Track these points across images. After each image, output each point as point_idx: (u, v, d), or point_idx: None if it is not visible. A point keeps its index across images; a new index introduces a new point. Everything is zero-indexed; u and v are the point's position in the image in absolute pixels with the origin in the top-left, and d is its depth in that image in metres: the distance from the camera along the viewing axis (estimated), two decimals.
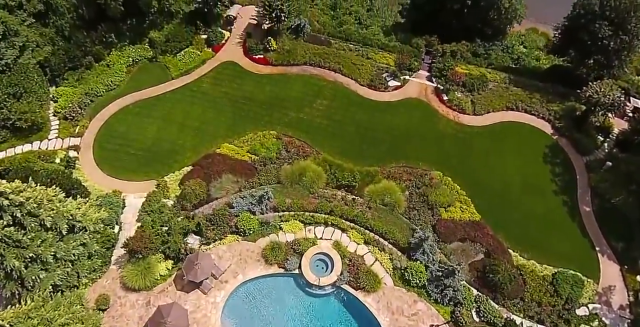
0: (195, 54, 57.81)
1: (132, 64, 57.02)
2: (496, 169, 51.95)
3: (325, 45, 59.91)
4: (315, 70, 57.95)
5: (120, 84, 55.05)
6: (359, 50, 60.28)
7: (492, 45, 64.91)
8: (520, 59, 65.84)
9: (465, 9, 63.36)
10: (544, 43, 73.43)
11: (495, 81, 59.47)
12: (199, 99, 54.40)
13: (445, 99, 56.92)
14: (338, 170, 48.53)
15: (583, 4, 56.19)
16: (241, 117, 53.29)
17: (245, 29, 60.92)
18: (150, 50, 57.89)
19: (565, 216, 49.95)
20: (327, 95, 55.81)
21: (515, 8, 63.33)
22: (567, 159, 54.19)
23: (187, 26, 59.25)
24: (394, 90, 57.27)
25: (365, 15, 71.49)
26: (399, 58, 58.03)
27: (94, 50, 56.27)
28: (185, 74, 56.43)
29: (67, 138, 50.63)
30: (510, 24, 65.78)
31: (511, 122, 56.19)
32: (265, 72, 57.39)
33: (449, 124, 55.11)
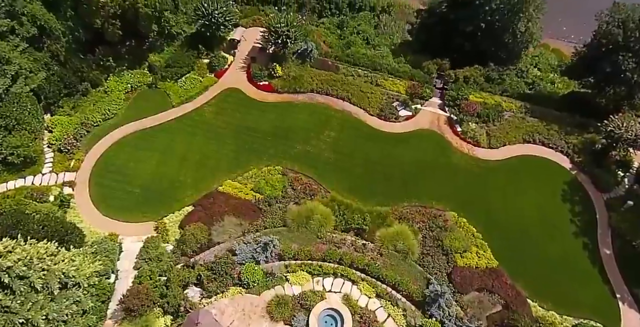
0: (197, 80, 54.28)
1: (131, 90, 53.41)
2: (513, 208, 48.67)
3: (333, 70, 56.41)
4: (322, 99, 54.53)
5: (118, 112, 51.53)
6: (368, 76, 56.80)
7: (506, 70, 61.47)
8: (535, 84, 62.52)
9: (479, 33, 60.05)
10: (557, 62, 70.18)
11: (511, 110, 56.11)
12: (201, 129, 50.93)
13: (459, 130, 53.59)
14: (347, 210, 45.32)
15: (605, 33, 52.65)
16: (245, 149, 49.91)
17: (249, 52, 57.31)
18: (149, 75, 54.29)
19: (586, 260, 46.82)
20: (335, 126, 52.43)
21: (531, 32, 59.90)
22: (587, 196, 50.95)
23: (189, 50, 55.71)
24: (405, 120, 53.87)
25: (373, 34, 67.79)
26: (411, 87, 54.57)
27: (91, 76, 52.71)
28: (187, 101, 52.95)
29: (62, 173, 47.15)
30: (526, 48, 62.51)
31: (528, 156, 52.78)
32: (270, 99, 53.97)
33: (463, 158, 51.81)
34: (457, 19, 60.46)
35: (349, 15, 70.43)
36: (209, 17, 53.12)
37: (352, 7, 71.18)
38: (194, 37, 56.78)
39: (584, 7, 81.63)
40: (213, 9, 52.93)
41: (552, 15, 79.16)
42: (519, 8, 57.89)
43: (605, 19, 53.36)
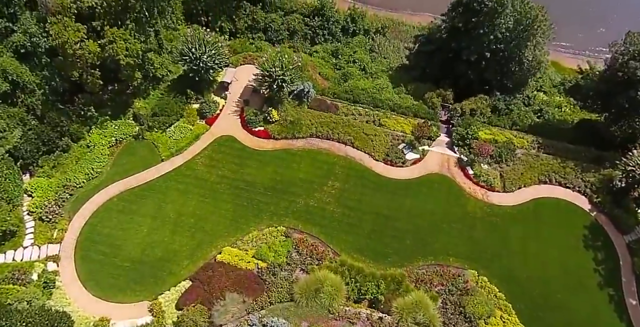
0: (187, 128, 48.13)
1: (116, 143, 47.26)
2: (534, 262, 43.54)
3: (332, 111, 50.62)
4: (323, 144, 48.84)
5: (102, 170, 45.32)
6: (370, 115, 51.11)
7: (513, 99, 56.21)
8: (544, 112, 57.37)
9: (483, 61, 54.62)
10: (559, 79, 65.00)
11: (523, 147, 50.94)
12: (194, 186, 45.03)
13: (471, 173, 48.31)
14: (359, 276, 40.19)
15: (620, 66, 47.53)
16: (243, 207, 44.16)
17: (241, 94, 51.14)
18: (135, 125, 48.00)
19: (612, 315, 42.37)
20: (339, 175, 46.87)
21: (539, 60, 54.62)
22: (608, 240, 46.09)
23: (176, 95, 49.46)
24: (412, 164, 48.38)
25: (369, 61, 61.80)
26: (417, 129, 49.00)
27: (71, 130, 46.40)
28: (177, 153, 46.84)
29: (44, 245, 41.20)
30: (534, 76, 57.20)
31: (545, 199, 47.60)
32: (267, 147, 48.13)
33: (477, 205, 46.60)
34: (460, 48, 55.00)
35: (343, 41, 64.30)
36: (196, 61, 46.90)
37: (345, 32, 64.92)
38: (182, 79, 50.49)
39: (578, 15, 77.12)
40: (201, 53, 46.69)
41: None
42: (525, 36, 52.46)
43: (620, 50, 48.25)
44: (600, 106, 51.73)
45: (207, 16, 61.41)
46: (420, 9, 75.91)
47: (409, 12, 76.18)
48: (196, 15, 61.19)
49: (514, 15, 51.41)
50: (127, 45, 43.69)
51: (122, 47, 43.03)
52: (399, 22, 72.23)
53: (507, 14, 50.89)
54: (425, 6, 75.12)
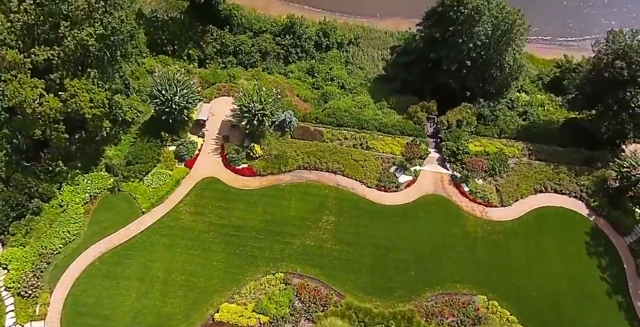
0: (166, 174, 43.44)
1: (90, 199, 42.44)
2: (540, 276, 40.71)
3: (317, 138, 46.55)
4: (311, 175, 44.83)
5: (79, 231, 40.32)
6: (356, 138, 47.13)
7: (497, 105, 52.97)
8: (528, 114, 54.19)
9: (465, 70, 51.10)
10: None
11: (515, 156, 47.91)
12: (180, 238, 40.45)
13: (467, 190, 44.98)
14: (368, 317, 36.58)
15: (606, 66, 44.20)
16: (236, 256, 39.88)
17: (220, 130, 46.39)
18: (109, 177, 43.18)
19: (623, 322, 40.03)
20: (333, 208, 42.97)
21: (519, 64, 51.33)
22: (610, 244, 43.56)
23: (150, 139, 44.64)
24: (406, 186, 44.79)
25: (347, 77, 57.50)
26: (407, 150, 45.22)
27: (40, 189, 41.41)
28: (158, 203, 42.08)
29: (27, 323, 36.39)
30: (516, 80, 53.95)
31: (543, 208, 44.74)
32: (253, 186, 43.82)
33: (477, 223, 43.37)
34: (439, 57, 51.30)
35: (317, 57, 59.89)
36: (168, 103, 42.14)
37: (319, 47, 60.40)
38: (154, 119, 45.57)
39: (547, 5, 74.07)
40: (172, 93, 41.91)
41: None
42: (505, 40, 49.05)
43: (604, 49, 45.19)
44: (587, 107, 48.86)
45: (173, 45, 56.47)
46: (390, 14, 71.58)
47: (378, 18, 71.94)
48: (161, 45, 56.27)
49: (491, 21, 47.90)
50: (91, 95, 38.78)
51: (86, 99, 38.11)
52: (370, 29, 67.96)
53: (485, 20, 47.33)
54: (394, 10, 70.95)
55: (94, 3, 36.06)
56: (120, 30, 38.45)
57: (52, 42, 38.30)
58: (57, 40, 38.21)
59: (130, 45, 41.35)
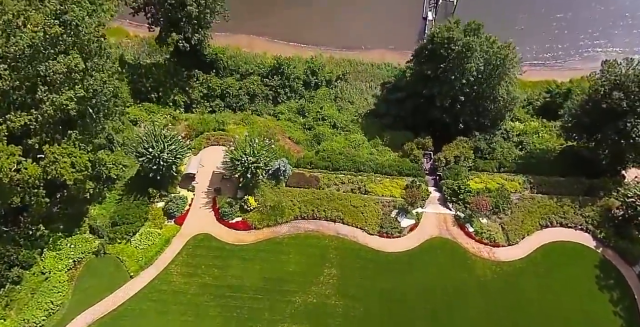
0: (155, 233, 39.68)
1: (74, 265, 38.47)
2: (556, 318, 37.78)
3: (313, 185, 43.28)
4: (310, 225, 41.38)
5: (63, 300, 36.19)
6: (354, 181, 44.05)
7: (493, 137, 50.61)
8: (525, 143, 51.80)
9: (458, 105, 48.80)
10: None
11: (517, 191, 45.18)
12: (173, 304, 36.28)
13: (472, 230, 41.90)
14: None
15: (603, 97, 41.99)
16: (234, 320, 35.65)
17: (211, 182, 43.19)
18: (93, 240, 39.32)
19: None
20: (334, 260, 39.39)
21: (513, 96, 49.27)
22: (619, 275, 40.93)
23: (137, 196, 41.03)
24: (409, 231, 41.63)
25: (338, 115, 54.79)
26: (408, 194, 42.09)
27: (20, 257, 37.54)
28: (147, 265, 38.12)
29: None
30: (510, 111, 51.82)
31: (551, 244, 41.90)
32: (249, 240, 40.12)
33: (486, 266, 40.12)
34: (431, 94, 49.00)
35: (306, 96, 57.33)
36: (156, 160, 38.83)
37: (307, 86, 58.06)
38: (140, 175, 42.32)
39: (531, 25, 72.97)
40: (160, 150, 38.64)
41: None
42: (497, 74, 47.06)
43: (601, 81, 43.20)
44: (585, 136, 46.60)
45: (158, 92, 53.50)
46: (375, 45, 70.10)
47: (363, 49, 70.19)
48: (145, 92, 53.31)
49: (483, 56, 45.93)
50: (73, 159, 35.41)
51: (67, 165, 34.75)
52: (357, 62, 66.08)
53: (476, 56, 45.32)
54: (379, 42, 69.58)
55: (73, 66, 32.98)
56: (102, 92, 35.33)
57: (29, 106, 35.11)
58: (34, 103, 35.02)
59: (113, 103, 38.12)
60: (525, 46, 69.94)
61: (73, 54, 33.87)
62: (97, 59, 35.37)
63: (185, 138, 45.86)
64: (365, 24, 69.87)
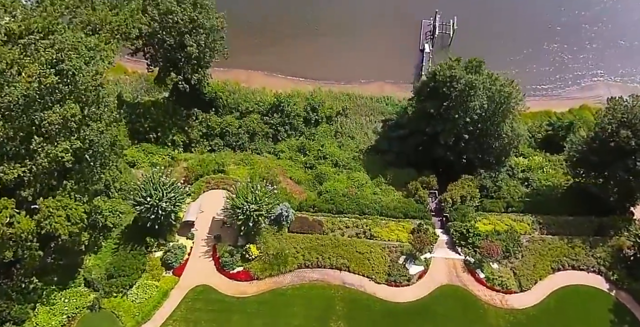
0: (152, 286, 37.34)
1: (68, 320, 35.95)
2: None
3: (317, 230, 41.32)
4: (314, 274, 39.13)
5: None
6: (358, 225, 42.19)
7: (498, 174, 49.19)
8: (530, 180, 50.35)
9: (462, 143, 47.56)
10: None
11: (526, 232, 43.52)
12: None
13: (482, 276, 39.93)
14: None
15: (611, 136, 40.90)
16: None
17: (210, 229, 41.19)
18: (88, 293, 36.96)
19: None
20: (341, 312, 36.99)
21: (518, 133, 48.17)
22: (634, 319, 39.14)
23: (134, 246, 38.86)
24: (418, 278, 39.62)
25: (339, 153, 53.44)
26: (416, 242, 40.05)
27: (12, 313, 35.15)
28: (144, 320, 35.48)
29: None
30: (515, 148, 50.63)
31: (564, 289, 39.98)
32: (251, 292, 37.69)
33: (499, 315, 37.90)
34: (435, 132, 47.80)
35: (306, 133, 55.93)
36: (154, 209, 36.98)
37: (308, 122, 56.83)
38: (137, 222, 40.32)
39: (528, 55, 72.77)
40: (158, 199, 36.84)
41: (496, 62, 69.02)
42: (501, 112, 46.05)
43: (608, 119, 42.18)
44: (592, 174, 45.26)
45: (156, 132, 52.04)
46: (372, 78, 69.65)
47: (361, 83, 69.53)
48: (143, 132, 51.83)
49: (486, 93, 44.97)
50: (68, 212, 33.50)
51: (62, 218, 32.82)
52: (356, 96, 65.29)
53: (480, 95, 44.34)
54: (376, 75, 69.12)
55: (69, 117, 31.47)
56: (99, 143, 33.74)
57: (23, 157, 33.39)
58: (28, 153, 33.34)
59: (111, 152, 36.50)
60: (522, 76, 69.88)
61: (69, 104, 32.35)
62: (95, 108, 33.83)
63: (184, 183, 44.25)
64: (362, 57, 69.49)
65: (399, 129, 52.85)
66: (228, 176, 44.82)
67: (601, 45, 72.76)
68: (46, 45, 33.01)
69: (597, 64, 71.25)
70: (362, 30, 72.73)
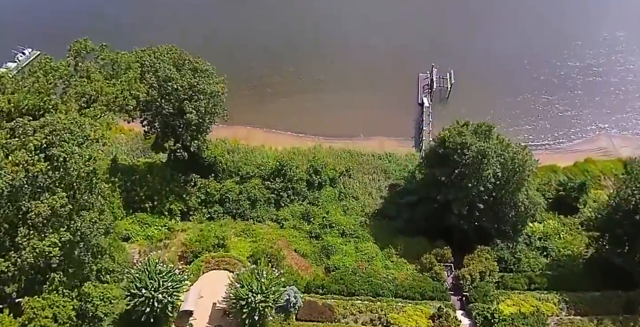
0: None
1: None
2: None
3: (327, 317, 36.81)
4: None
5: None
6: (373, 309, 38.17)
7: (516, 245, 46.09)
8: (549, 249, 47.24)
9: (477, 212, 44.68)
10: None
11: (553, 313, 39.89)
12: None
13: None
14: None
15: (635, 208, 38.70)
16: None
17: (210, 318, 36.51)
18: None
19: None
20: None
21: (535, 202, 45.53)
22: None
23: None
24: None
25: (346, 222, 49.81)
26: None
27: None
28: None
29: None
30: (532, 217, 47.82)
31: None
32: None
33: None
34: (447, 200, 44.97)
35: (310, 197, 52.58)
36: (150, 301, 32.86)
37: (311, 186, 53.69)
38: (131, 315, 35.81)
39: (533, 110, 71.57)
40: (154, 289, 32.77)
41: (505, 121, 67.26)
42: (515, 180, 43.60)
43: (631, 190, 39.81)
44: (617, 245, 42.39)
45: (153, 201, 48.43)
46: (372, 133, 67.73)
47: (361, 138, 67.53)
48: (139, 201, 48.19)
49: (499, 161, 42.61)
50: (55, 310, 29.36)
51: (49, 320, 28.68)
52: (357, 153, 62.86)
53: (493, 163, 41.97)
54: (376, 130, 67.32)
55: (58, 207, 28.04)
56: (91, 234, 30.16)
57: (7, 249, 29.59)
58: (14, 245, 29.58)
59: (104, 242, 32.81)
60: (523, 130, 68.69)
61: (59, 194, 28.96)
62: (87, 196, 30.45)
63: (181, 260, 40.36)
64: (361, 112, 68.21)
65: (407, 194, 49.96)
66: (229, 254, 40.98)
67: (599, 97, 72.52)
68: (36, 126, 30.08)
69: (596, 116, 70.58)
70: (360, 85, 71.78)
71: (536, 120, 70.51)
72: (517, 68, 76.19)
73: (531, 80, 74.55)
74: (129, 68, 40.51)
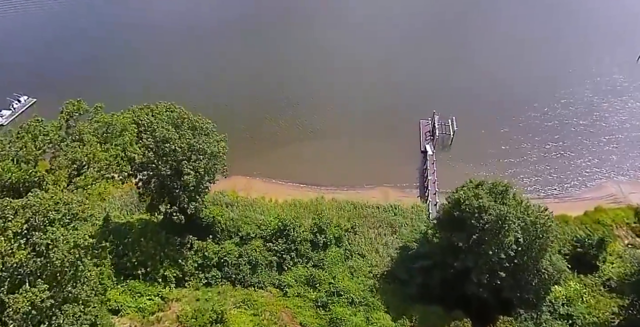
0: None
1: None
2: None
3: None
4: None
5: None
6: None
7: (540, 315, 42.21)
8: (574, 318, 43.37)
9: (498, 280, 41.06)
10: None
11: None
12: None
13: None
14: None
15: None
16: None
17: None
18: None
19: None
20: None
21: (560, 269, 42.05)
22: None
23: None
24: None
25: (355, 288, 45.52)
26: None
27: None
28: None
29: None
30: (557, 284, 44.20)
31: None
32: None
33: None
34: (465, 267, 41.42)
35: (314, 258, 48.55)
36: None
37: (315, 246, 49.89)
38: None
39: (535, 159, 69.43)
40: None
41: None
42: (538, 247, 40.33)
43: None
44: None
45: (146, 267, 44.28)
46: (375, 183, 64.90)
47: (365, 188, 64.54)
48: (131, 268, 44.04)
49: (519, 224, 39.50)
50: None
51: None
52: (361, 205, 59.44)
53: (513, 228, 38.83)
54: (379, 180, 64.64)
55: (39, 302, 24.10)
56: None
57: None
58: None
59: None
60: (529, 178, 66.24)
61: (39, 286, 25.08)
62: (71, 287, 26.58)
63: None
64: (363, 160, 66.01)
65: (420, 259, 46.17)
66: None
67: (602, 143, 70.90)
68: (17, 207, 26.58)
69: (601, 163, 68.58)
70: (360, 132, 69.90)
71: (543, 168, 68.52)
72: (520, 115, 75.25)
73: (533, 128, 73.32)
74: (125, 130, 37.56)
